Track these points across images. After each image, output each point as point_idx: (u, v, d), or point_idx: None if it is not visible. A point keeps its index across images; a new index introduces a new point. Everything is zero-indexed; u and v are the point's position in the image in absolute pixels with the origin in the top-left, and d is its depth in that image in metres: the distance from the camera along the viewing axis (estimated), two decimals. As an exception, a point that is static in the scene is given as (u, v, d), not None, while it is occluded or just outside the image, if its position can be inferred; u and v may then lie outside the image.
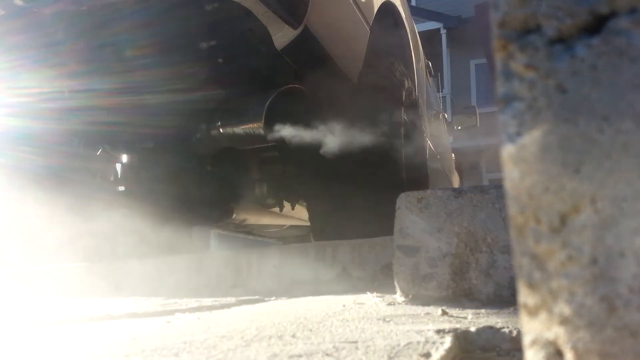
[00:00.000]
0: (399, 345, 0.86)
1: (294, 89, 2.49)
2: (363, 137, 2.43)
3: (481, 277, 1.41)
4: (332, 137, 2.45)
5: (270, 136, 2.44)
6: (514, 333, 0.95)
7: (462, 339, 0.94)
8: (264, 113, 2.37)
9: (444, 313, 1.23)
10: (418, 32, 3.89)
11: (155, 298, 2.03)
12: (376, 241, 2.13)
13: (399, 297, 1.50)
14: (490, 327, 0.99)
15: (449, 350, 0.83)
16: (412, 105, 3.19)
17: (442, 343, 0.86)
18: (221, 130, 2.52)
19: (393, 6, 2.94)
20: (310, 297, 1.83)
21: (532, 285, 0.47)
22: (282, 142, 2.52)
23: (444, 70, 13.19)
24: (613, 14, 0.45)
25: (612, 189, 0.44)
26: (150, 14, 2.13)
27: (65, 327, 1.30)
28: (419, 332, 0.97)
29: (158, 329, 1.17)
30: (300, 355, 0.82)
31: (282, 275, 2.21)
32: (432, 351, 0.81)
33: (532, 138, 0.47)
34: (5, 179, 2.68)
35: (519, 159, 0.47)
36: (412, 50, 3.26)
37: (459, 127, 6.41)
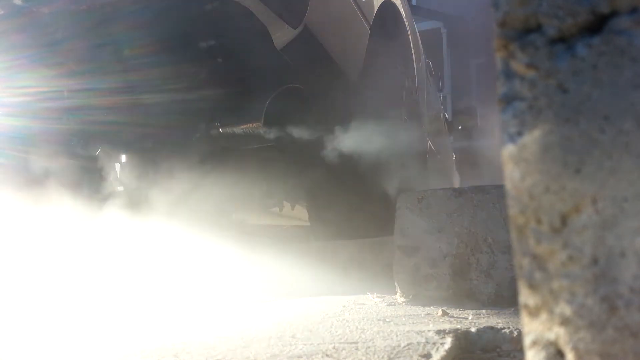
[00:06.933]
0: (399, 345, 0.86)
1: (293, 88, 2.48)
2: (363, 137, 2.42)
3: (482, 277, 1.41)
4: (331, 137, 2.45)
5: (269, 136, 2.43)
6: (515, 334, 0.95)
7: (462, 339, 0.94)
8: (264, 113, 2.36)
9: (445, 313, 1.22)
10: (418, 32, 3.88)
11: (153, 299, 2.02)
12: (376, 241, 2.13)
13: (399, 297, 1.50)
14: (491, 328, 0.99)
15: (449, 351, 0.83)
16: (413, 105, 3.19)
17: (442, 344, 0.86)
18: (220, 130, 2.51)
19: (393, 5, 2.94)
20: (310, 298, 1.83)
21: (532, 286, 0.46)
22: (281, 142, 2.51)
23: (444, 70, 13.18)
24: (614, 14, 0.45)
25: (613, 189, 0.44)
26: (150, 13, 2.13)
27: (65, 328, 1.30)
28: (419, 332, 0.97)
29: (157, 330, 1.17)
30: (300, 356, 0.82)
31: (282, 275, 2.20)
32: (433, 352, 0.81)
33: (533, 138, 0.46)
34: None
35: (519, 158, 0.47)
36: (412, 49, 3.26)
37: (460, 127, 6.41)
